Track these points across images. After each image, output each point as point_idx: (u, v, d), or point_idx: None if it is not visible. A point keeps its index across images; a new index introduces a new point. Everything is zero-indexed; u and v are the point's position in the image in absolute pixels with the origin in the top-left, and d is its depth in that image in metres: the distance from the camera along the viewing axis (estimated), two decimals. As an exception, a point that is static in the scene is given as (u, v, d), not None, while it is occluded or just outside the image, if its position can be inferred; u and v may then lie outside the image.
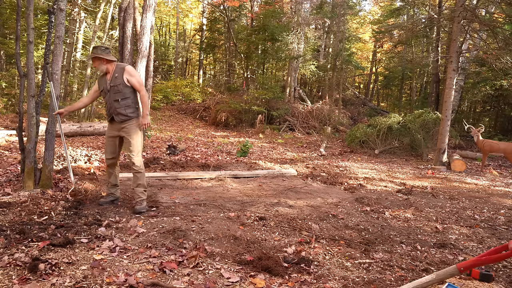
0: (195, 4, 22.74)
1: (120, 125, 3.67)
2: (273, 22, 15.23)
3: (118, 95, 3.62)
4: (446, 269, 1.85)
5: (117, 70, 3.64)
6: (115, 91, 3.62)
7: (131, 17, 7.08)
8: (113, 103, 3.63)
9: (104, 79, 3.68)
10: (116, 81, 3.61)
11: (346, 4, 15.78)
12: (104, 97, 3.70)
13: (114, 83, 3.61)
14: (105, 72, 3.67)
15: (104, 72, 3.67)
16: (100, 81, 3.71)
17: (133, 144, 3.65)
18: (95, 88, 3.78)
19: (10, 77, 13.13)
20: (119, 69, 3.64)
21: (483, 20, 9.35)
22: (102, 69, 3.62)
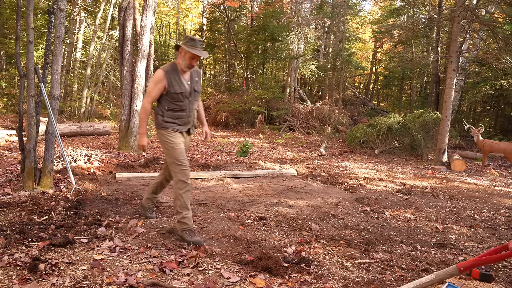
0: (195, 4, 22.74)
1: (190, 138, 3.27)
2: (273, 22, 15.22)
3: (196, 103, 3.13)
4: (446, 269, 1.85)
5: (196, 73, 3.11)
6: (196, 97, 3.09)
7: (131, 17, 7.07)
8: (193, 111, 3.11)
9: (179, 78, 2.96)
10: (197, 86, 3.08)
11: (346, 4, 15.78)
12: (178, 101, 2.98)
13: (196, 87, 3.07)
14: (181, 70, 2.99)
15: (185, 70, 2.99)
16: (174, 80, 2.94)
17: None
18: (160, 87, 2.93)
19: (10, 77, 13.14)
20: (197, 72, 3.12)
21: (483, 20, 9.34)
22: (192, 67, 3.00)
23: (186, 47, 2.88)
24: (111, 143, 8.12)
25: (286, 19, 16.40)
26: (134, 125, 7.10)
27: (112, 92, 15.33)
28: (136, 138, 7.14)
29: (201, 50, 2.92)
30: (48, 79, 4.36)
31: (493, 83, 13.27)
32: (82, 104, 12.27)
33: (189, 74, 3.03)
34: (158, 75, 2.92)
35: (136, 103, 7.07)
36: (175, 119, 3.02)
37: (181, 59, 2.94)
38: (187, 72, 3.02)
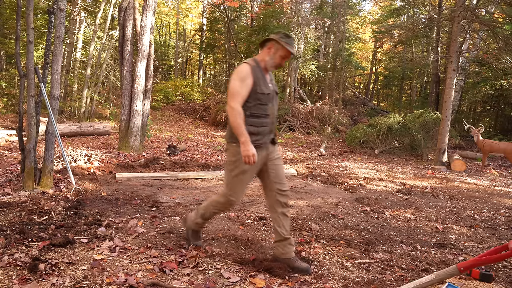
0: (195, 4, 22.74)
1: (276, 147, 2.65)
2: (273, 22, 15.22)
3: (277, 108, 2.62)
4: (446, 269, 1.85)
5: (270, 74, 2.60)
6: (277, 101, 2.63)
7: (131, 17, 7.07)
8: (275, 118, 2.59)
9: (264, 78, 2.47)
10: (276, 88, 2.59)
11: (346, 4, 15.78)
12: (263, 104, 2.44)
13: (277, 90, 2.61)
14: (264, 69, 2.49)
15: (270, 70, 2.53)
16: (260, 79, 2.42)
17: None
18: (248, 84, 2.35)
19: (10, 77, 13.13)
20: (270, 73, 2.63)
21: (483, 20, 9.34)
22: (280, 66, 2.55)
23: (283, 43, 2.42)
24: (111, 143, 8.12)
25: (286, 19, 16.40)
26: (134, 125, 7.10)
27: (112, 92, 15.33)
28: (136, 138, 7.14)
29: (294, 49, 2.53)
30: (48, 79, 4.36)
31: (493, 83, 13.27)
32: (82, 104, 12.26)
33: (268, 74, 2.55)
34: (244, 69, 2.36)
35: (136, 103, 7.07)
36: (258, 127, 2.41)
37: (269, 56, 2.46)
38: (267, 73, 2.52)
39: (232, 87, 2.35)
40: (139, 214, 3.58)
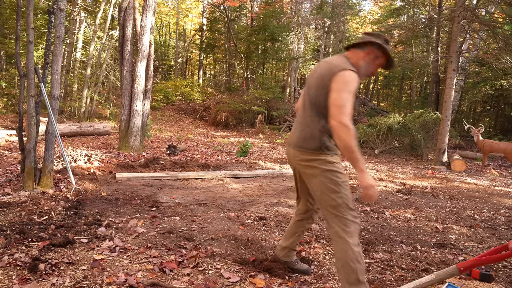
0: (195, 4, 22.74)
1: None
2: (273, 22, 15.23)
3: None
4: (446, 269, 1.85)
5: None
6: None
7: (131, 17, 7.07)
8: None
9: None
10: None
11: (346, 4, 15.79)
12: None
13: None
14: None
15: (361, 78, 2.10)
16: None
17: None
18: (354, 95, 1.97)
19: (10, 77, 13.14)
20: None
21: (483, 20, 9.34)
22: (373, 75, 2.23)
23: (386, 50, 2.06)
24: (111, 143, 8.12)
25: (286, 19, 16.41)
26: (134, 125, 7.10)
27: (112, 92, 15.33)
28: (136, 138, 7.14)
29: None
30: (48, 79, 4.36)
31: (493, 83, 13.28)
32: (82, 104, 12.27)
33: None
34: (354, 80, 1.93)
35: (136, 103, 7.07)
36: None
37: (365, 62, 2.06)
38: None
39: (340, 99, 1.87)
40: (139, 214, 3.58)
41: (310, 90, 2.11)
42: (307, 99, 2.12)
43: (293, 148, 2.15)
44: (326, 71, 2.00)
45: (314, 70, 2.16)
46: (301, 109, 2.20)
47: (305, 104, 2.14)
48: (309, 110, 2.10)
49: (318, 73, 2.08)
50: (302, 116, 2.16)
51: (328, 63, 2.06)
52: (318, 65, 2.15)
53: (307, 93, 2.13)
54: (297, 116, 2.25)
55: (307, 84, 2.17)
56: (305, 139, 2.08)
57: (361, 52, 2.07)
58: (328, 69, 2.00)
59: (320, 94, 2.01)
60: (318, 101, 2.03)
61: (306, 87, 2.18)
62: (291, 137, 2.21)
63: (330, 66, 2.01)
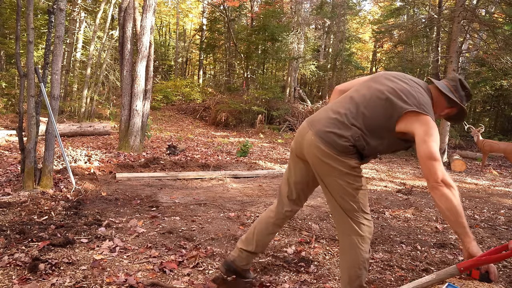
0: (195, 4, 22.75)
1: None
2: (273, 22, 15.23)
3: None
4: (446, 269, 1.85)
5: None
6: None
7: (131, 17, 7.07)
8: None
9: None
10: None
11: (346, 4, 15.79)
12: (398, 149, 1.99)
13: None
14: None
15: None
16: None
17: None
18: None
19: (10, 77, 13.14)
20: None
21: (483, 20, 9.34)
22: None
23: (465, 111, 1.89)
24: (111, 143, 8.12)
25: (286, 19, 16.40)
26: (134, 125, 7.10)
27: (112, 92, 15.34)
28: (136, 138, 7.14)
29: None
30: (48, 79, 4.36)
31: (493, 83, 13.27)
32: (82, 104, 12.27)
33: None
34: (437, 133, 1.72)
35: (136, 103, 7.07)
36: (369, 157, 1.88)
37: (439, 110, 1.88)
38: None
39: (433, 152, 1.62)
40: (139, 214, 3.58)
41: (370, 101, 1.79)
42: (362, 103, 1.80)
43: (315, 138, 1.80)
44: (406, 98, 1.74)
45: (390, 79, 1.84)
46: (347, 101, 1.86)
47: (356, 104, 1.82)
48: (360, 117, 1.78)
49: (393, 90, 1.78)
50: (348, 111, 1.80)
51: (412, 90, 1.78)
52: (396, 78, 1.85)
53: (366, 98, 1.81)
54: (337, 104, 1.89)
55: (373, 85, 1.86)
56: (336, 138, 1.77)
57: (443, 107, 1.87)
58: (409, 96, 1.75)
59: (383, 117, 1.76)
60: (376, 122, 1.77)
61: (368, 87, 1.87)
62: (319, 123, 1.84)
63: (414, 98, 1.75)
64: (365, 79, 1.97)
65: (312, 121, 1.88)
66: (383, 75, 1.91)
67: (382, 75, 1.92)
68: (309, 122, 1.89)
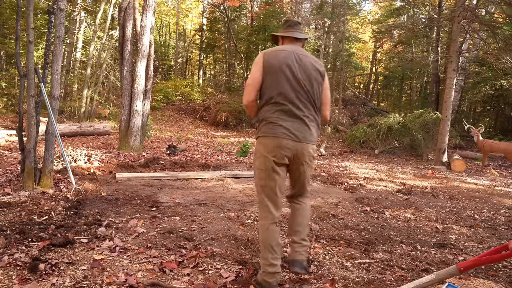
0: (195, 4, 22.74)
1: None
2: (273, 22, 15.23)
3: None
4: (446, 269, 1.85)
5: None
6: None
7: (131, 17, 7.07)
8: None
9: None
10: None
11: (346, 4, 15.77)
12: None
13: None
14: None
15: None
16: None
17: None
18: None
19: (10, 77, 13.14)
20: None
21: (483, 20, 9.34)
22: None
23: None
24: (111, 143, 8.12)
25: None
26: (134, 125, 7.10)
27: (112, 92, 15.33)
28: (136, 138, 7.14)
29: None
30: (48, 79, 4.36)
31: (493, 83, 13.27)
32: (82, 104, 12.27)
33: None
34: None
35: (136, 103, 7.07)
36: None
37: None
38: None
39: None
40: (139, 214, 3.58)
41: (309, 77, 2.20)
42: (309, 86, 2.20)
43: (306, 144, 2.21)
44: (319, 67, 2.25)
45: (302, 61, 2.21)
46: (290, 95, 2.18)
47: (304, 91, 2.20)
48: (311, 104, 2.22)
49: (317, 66, 2.24)
50: (302, 105, 2.19)
51: (313, 59, 2.27)
52: (300, 56, 2.22)
53: (305, 79, 2.19)
54: (292, 101, 2.18)
55: (301, 69, 2.20)
56: (315, 133, 2.28)
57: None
58: (319, 64, 2.26)
59: (318, 89, 2.24)
60: (317, 96, 2.24)
61: (296, 71, 2.19)
62: (303, 134, 2.19)
63: (318, 64, 2.26)
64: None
65: (301, 138, 2.22)
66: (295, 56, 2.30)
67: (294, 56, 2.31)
68: (297, 138, 2.21)
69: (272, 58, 2.20)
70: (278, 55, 2.21)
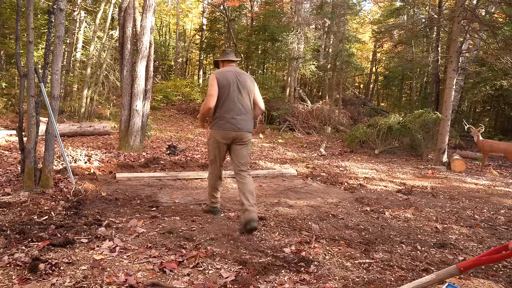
0: (195, 4, 22.74)
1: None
2: (273, 22, 15.23)
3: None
4: (446, 269, 1.85)
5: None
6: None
7: (131, 17, 7.06)
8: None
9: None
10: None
11: (346, 4, 15.77)
12: None
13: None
14: None
15: None
16: None
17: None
18: None
19: (10, 77, 13.14)
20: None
21: (483, 20, 9.34)
22: None
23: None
24: (111, 143, 8.12)
25: (286, 19, 16.39)
26: (134, 125, 7.10)
27: (112, 92, 15.34)
28: (136, 138, 7.14)
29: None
30: (48, 79, 4.36)
31: (493, 83, 13.26)
32: (82, 104, 12.26)
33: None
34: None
35: (136, 103, 7.07)
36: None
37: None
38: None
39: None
40: (139, 214, 3.58)
41: (245, 88, 3.33)
42: (246, 94, 3.32)
43: (245, 133, 3.31)
44: (251, 80, 3.42)
45: (241, 77, 3.32)
46: (234, 102, 3.26)
47: (242, 98, 3.29)
48: (248, 103, 3.34)
49: (249, 80, 3.38)
50: (242, 107, 3.29)
51: (247, 75, 3.44)
52: (239, 74, 3.34)
53: (243, 90, 3.30)
54: (234, 106, 3.26)
55: (240, 83, 3.30)
56: (250, 125, 3.37)
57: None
58: (250, 79, 3.42)
59: (252, 95, 3.39)
60: (251, 100, 3.39)
61: (237, 85, 3.28)
62: (242, 123, 3.28)
63: (250, 78, 3.43)
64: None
65: (239, 127, 3.30)
66: (234, 74, 3.40)
67: (234, 74, 3.41)
68: (236, 128, 3.29)
69: (222, 77, 3.25)
70: (226, 75, 3.27)
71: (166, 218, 3.49)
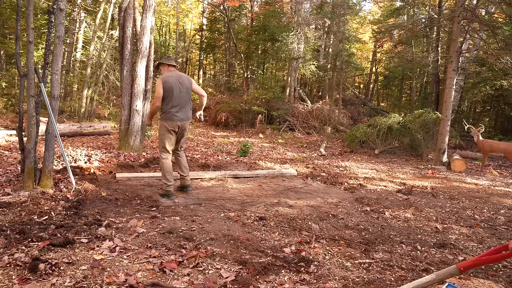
0: (195, 4, 22.74)
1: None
2: (273, 22, 15.21)
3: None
4: (446, 269, 1.85)
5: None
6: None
7: (131, 17, 7.06)
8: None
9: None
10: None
11: (346, 4, 15.77)
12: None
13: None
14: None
15: None
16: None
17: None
18: None
19: (10, 77, 13.14)
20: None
21: (483, 20, 9.34)
22: None
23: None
24: (111, 143, 8.12)
25: (286, 19, 16.39)
26: (134, 125, 7.10)
27: (112, 92, 15.33)
28: (136, 138, 7.15)
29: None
30: (48, 79, 4.36)
31: (493, 83, 13.26)
32: (82, 104, 12.26)
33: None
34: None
35: (136, 103, 7.07)
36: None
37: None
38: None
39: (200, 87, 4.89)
40: (139, 214, 3.58)
41: (184, 87, 4.28)
42: (185, 92, 4.29)
43: (186, 121, 4.35)
44: (189, 81, 4.37)
45: (180, 79, 4.29)
46: (177, 99, 4.21)
47: (183, 95, 4.26)
48: (187, 98, 4.32)
49: (186, 80, 4.34)
50: (183, 102, 4.27)
51: (185, 76, 4.39)
52: (179, 76, 4.30)
53: (183, 88, 4.27)
54: (179, 102, 4.24)
55: (180, 84, 4.25)
56: (190, 115, 4.41)
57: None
58: (188, 80, 4.37)
59: (189, 90, 4.36)
60: (190, 96, 4.37)
61: (178, 85, 4.22)
62: (184, 115, 4.30)
63: (188, 79, 4.37)
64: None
65: (182, 117, 4.30)
66: (176, 77, 4.34)
67: (175, 77, 4.34)
68: (181, 118, 4.29)
69: (167, 81, 4.17)
70: (169, 79, 4.18)
71: (166, 218, 3.49)
